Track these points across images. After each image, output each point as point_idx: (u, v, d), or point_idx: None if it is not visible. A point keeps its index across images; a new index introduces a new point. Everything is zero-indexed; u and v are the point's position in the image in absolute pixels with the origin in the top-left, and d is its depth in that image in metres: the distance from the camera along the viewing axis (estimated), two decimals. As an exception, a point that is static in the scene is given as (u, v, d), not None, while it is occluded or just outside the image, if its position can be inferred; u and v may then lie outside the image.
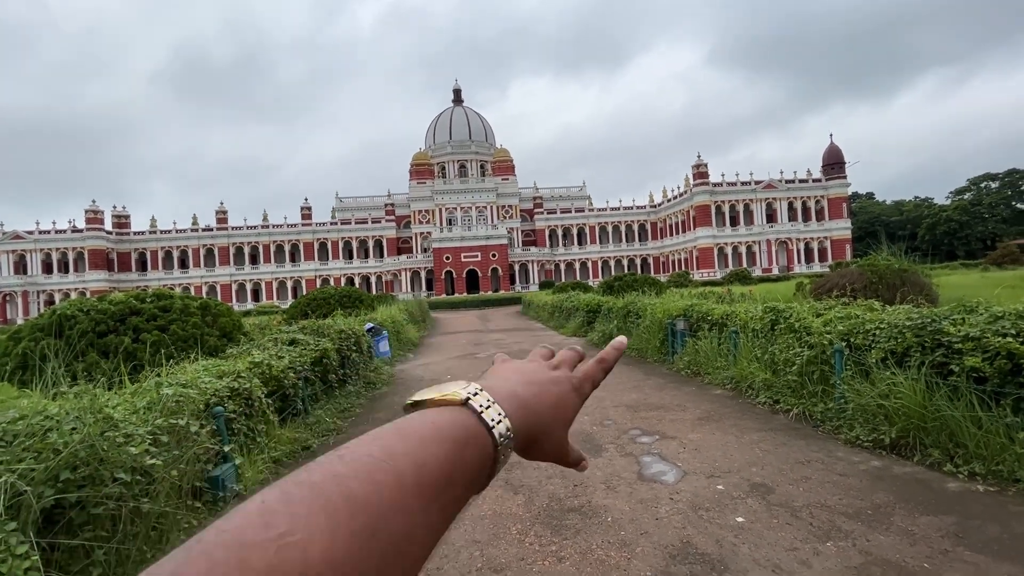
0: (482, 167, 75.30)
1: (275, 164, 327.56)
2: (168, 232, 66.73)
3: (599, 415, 6.21)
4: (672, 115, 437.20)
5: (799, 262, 62.98)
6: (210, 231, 67.04)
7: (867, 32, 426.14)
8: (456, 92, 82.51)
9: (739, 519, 3.44)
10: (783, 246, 64.45)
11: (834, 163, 65.37)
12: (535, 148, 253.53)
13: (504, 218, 71.83)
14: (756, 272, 55.64)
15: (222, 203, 68.34)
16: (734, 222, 65.15)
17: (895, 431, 4.43)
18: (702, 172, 64.21)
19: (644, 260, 72.43)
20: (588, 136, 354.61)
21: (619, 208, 74.21)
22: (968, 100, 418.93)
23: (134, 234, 66.57)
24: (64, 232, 61.33)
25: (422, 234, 69.67)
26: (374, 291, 54.05)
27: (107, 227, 63.90)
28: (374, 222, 70.54)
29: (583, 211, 74.18)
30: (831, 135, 68.74)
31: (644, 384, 7.94)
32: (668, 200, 70.82)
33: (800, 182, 65.26)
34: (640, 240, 73.99)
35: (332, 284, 53.73)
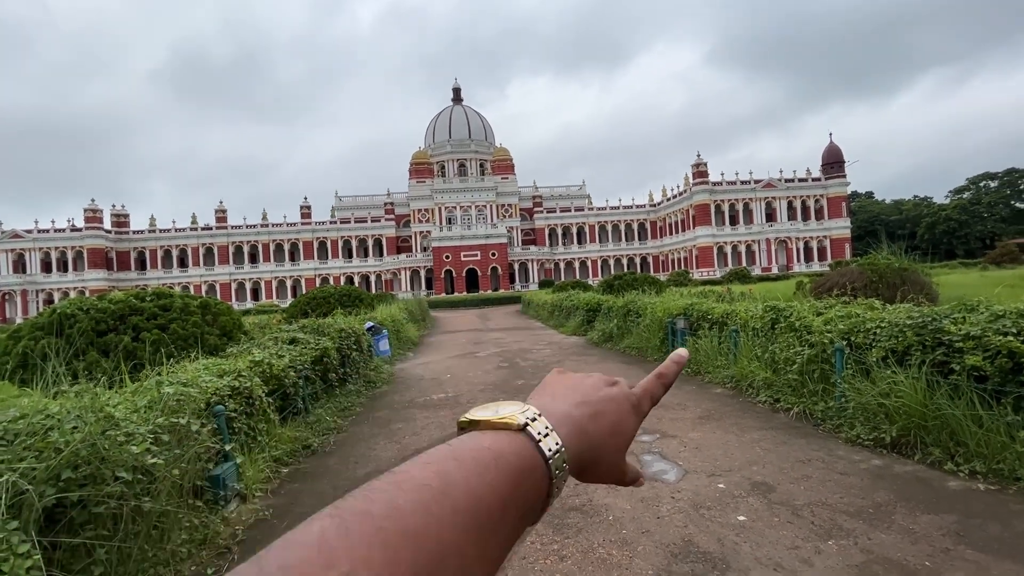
0: (482, 166, 75.27)
1: (274, 163, 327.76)
2: (167, 231, 66.70)
3: (599, 414, 6.19)
4: (672, 114, 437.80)
5: (798, 261, 63.02)
6: (209, 230, 67.01)
7: (866, 32, 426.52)
8: (456, 91, 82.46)
9: (740, 518, 3.44)
10: (782, 245, 64.50)
11: (833, 162, 65.39)
12: (535, 148, 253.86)
13: (504, 217, 71.81)
14: (755, 271, 55.66)
15: (221, 202, 68.33)
16: (733, 221, 65.17)
17: (896, 430, 4.43)
18: (702, 171, 64.23)
19: (643, 259, 72.46)
20: (588, 136, 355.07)
21: (619, 207, 74.22)
22: (967, 100, 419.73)
23: (133, 233, 66.54)
24: (63, 231, 61.28)
25: (422, 233, 69.66)
26: (374, 290, 54.05)
27: (106, 226, 63.86)
28: (374, 221, 70.51)
29: (583, 210, 74.20)
30: (830, 134, 68.73)
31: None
32: (668, 199, 70.84)
33: (799, 181, 65.29)
34: (640, 239, 74.03)
35: (332, 283, 53.81)
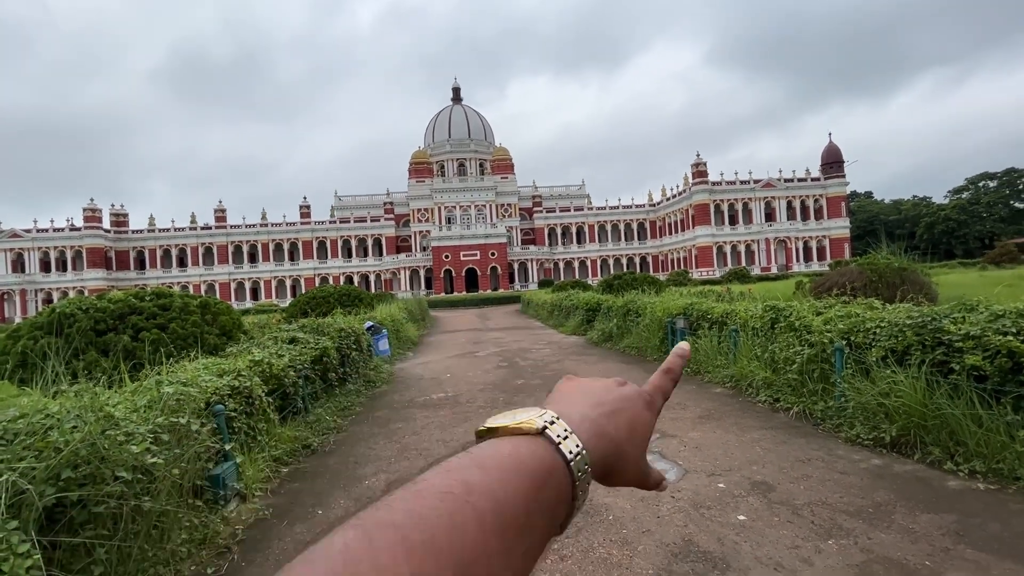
0: (481, 166, 75.26)
1: (274, 163, 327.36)
2: (167, 231, 66.64)
3: (599, 413, 6.19)
4: (671, 114, 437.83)
5: (798, 261, 63.06)
6: (209, 230, 66.96)
7: (866, 32, 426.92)
8: (455, 91, 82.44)
9: (740, 517, 3.44)
10: (782, 245, 64.53)
11: (833, 162, 65.44)
12: (535, 148, 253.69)
13: (503, 217, 71.80)
14: (755, 271, 55.71)
15: (220, 202, 68.32)
16: (733, 221, 65.20)
17: (895, 429, 4.43)
18: (701, 171, 64.25)
19: (643, 259, 72.49)
20: (588, 136, 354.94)
21: (618, 207, 74.25)
22: (966, 100, 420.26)
23: (132, 233, 66.48)
24: (62, 231, 61.21)
25: (421, 233, 69.64)
26: (373, 290, 54.02)
27: (105, 226, 63.82)
28: (373, 221, 70.48)
29: (582, 210, 74.21)
30: (830, 134, 68.91)
31: (644, 383, 7.93)
32: (667, 199, 70.87)
33: (799, 181, 65.33)
34: (639, 239, 74.07)
35: (331, 283, 53.76)
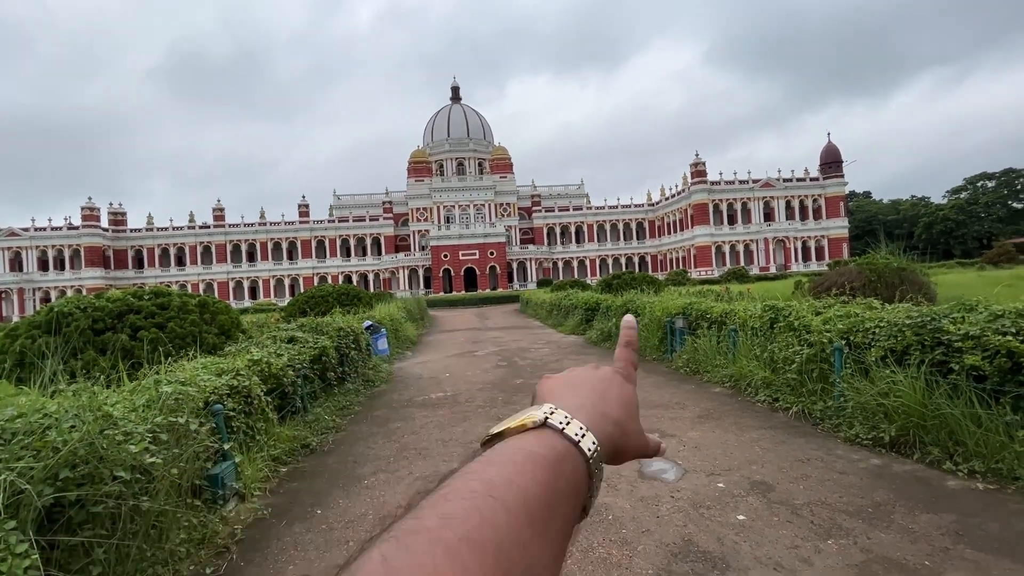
0: (480, 165, 75.20)
1: (273, 162, 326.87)
2: (165, 229, 66.50)
3: (599, 413, 6.19)
4: (670, 114, 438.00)
5: (796, 261, 63.12)
6: (207, 228, 66.81)
7: (865, 32, 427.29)
8: (454, 90, 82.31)
9: (740, 517, 3.44)
10: (780, 245, 64.58)
11: (831, 162, 65.48)
12: (534, 147, 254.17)
13: (502, 216, 71.76)
14: (753, 270, 55.77)
15: (219, 201, 68.19)
16: (732, 220, 65.23)
17: (895, 429, 4.44)
18: (700, 171, 64.27)
19: (642, 258, 72.51)
20: (587, 135, 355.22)
21: (617, 207, 74.24)
22: (965, 100, 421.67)
23: (131, 231, 66.33)
24: (60, 229, 61.03)
25: (420, 232, 69.59)
26: (372, 289, 53.94)
27: (103, 225, 63.65)
28: (372, 220, 70.39)
29: (581, 209, 74.18)
30: (828, 134, 68.73)
31: (643, 382, 7.94)
32: (666, 199, 70.88)
33: (798, 181, 65.36)
34: (638, 238, 74.08)
35: (330, 282, 53.71)
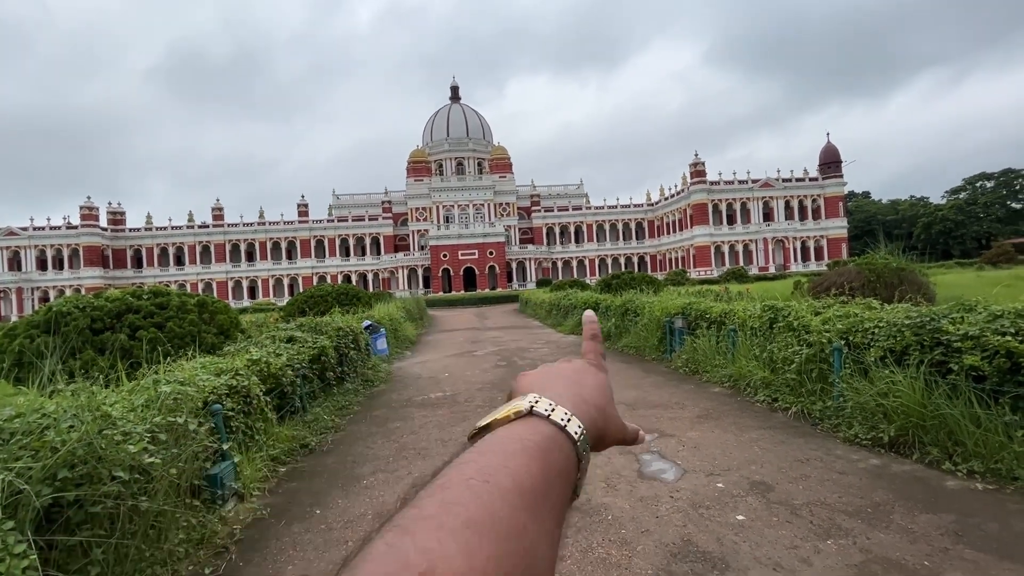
0: (479, 165, 75.17)
1: (273, 162, 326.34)
2: (164, 229, 66.40)
3: (598, 413, 6.19)
4: (670, 114, 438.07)
5: (795, 261, 63.15)
6: (206, 228, 66.72)
7: (864, 33, 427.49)
8: (454, 89, 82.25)
9: (739, 517, 3.44)
10: (779, 245, 64.62)
11: (831, 162, 65.50)
12: (533, 147, 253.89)
13: (501, 216, 71.74)
14: (753, 271, 55.80)
15: (218, 200, 68.08)
16: (731, 220, 65.25)
17: (894, 429, 4.44)
18: (699, 171, 64.27)
19: (641, 258, 72.53)
20: (586, 135, 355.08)
21: (616, 206, 74.25)
22: (963, 101, 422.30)
23: (130, 231, 66.22)
24: (59, 229, 60.91)
25: (419, 231, 69.55)
26: (371, 288, 53.97)
27: (102, 224, 63.54)
28: (371, 219, 70.32)
29: (580, 209, 74.17)
30: (828, 134, 68.61)
31: (643, 382, 7.95)
32: (665, 199, 70.88)
33: (797, 181, 65.39)
34: (637, 238, 74.09)
35: (329, 281, 53.66)
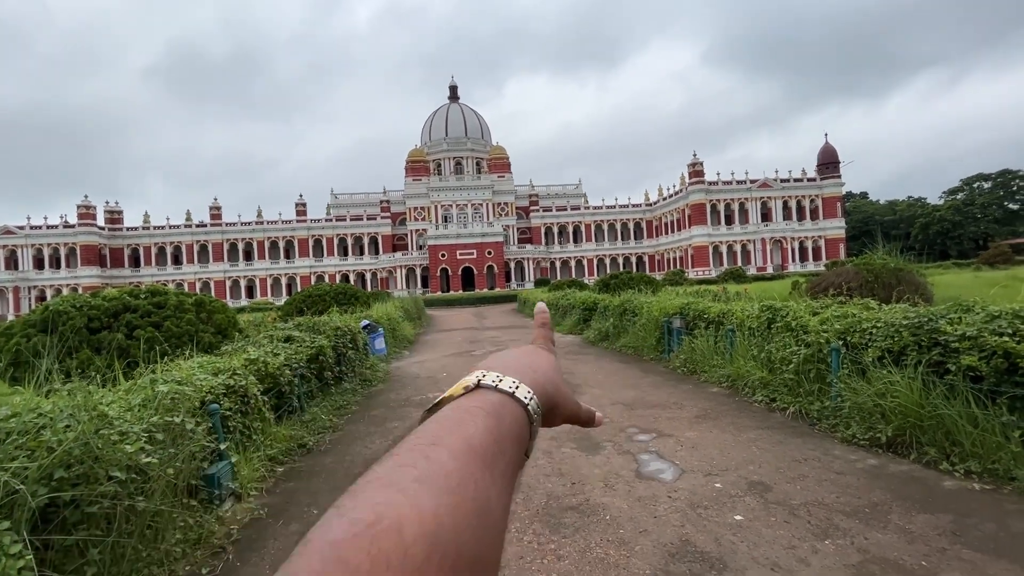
0: (478, 164, 75.14)
1: (272, 161, 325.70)
2: (162, 228, 66.22)
3: (596, 413, 6.19)
4: (669, 114, 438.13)
5: (793, 261, 63.24)
6: (204, 227, 66.55)
7: (864, 33, 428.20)
8: (452, 89, 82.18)
9: (737, 517, 3.44)
10: (778, 245, 64.71)
11: (829, 163, 65.61)
12: (532, 147, 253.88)
13: (500, 216, 71.72)
14: (751, 271, 55.83)
15: (216, 199, 67.96)
16: (729, 221, 65.32)
17: (891, 429, 4.45)
18: (698, 171, 64.33)
19: (639, 258, 72.57)
20: (585, 135, 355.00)
21: (615, 206, 74.29)
22: (960, 101, 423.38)
23: (127, 230, 66.02)
24: (56, 228, 60.70)
25: (418, 231, 69.49)
26: (369, 288, 53.94)
27: (100, 223, 63.35)
28: (369, 219, 70.23)
29: (579, 209, 74.18)
30: (826, 135, 68.66)
31: (641, 382, 7.95)
32: (664, 199, 70.92)
33: (795, 181, 65.47)
34: (635, 238, 74.14)
35: (327, 281, 53.52)
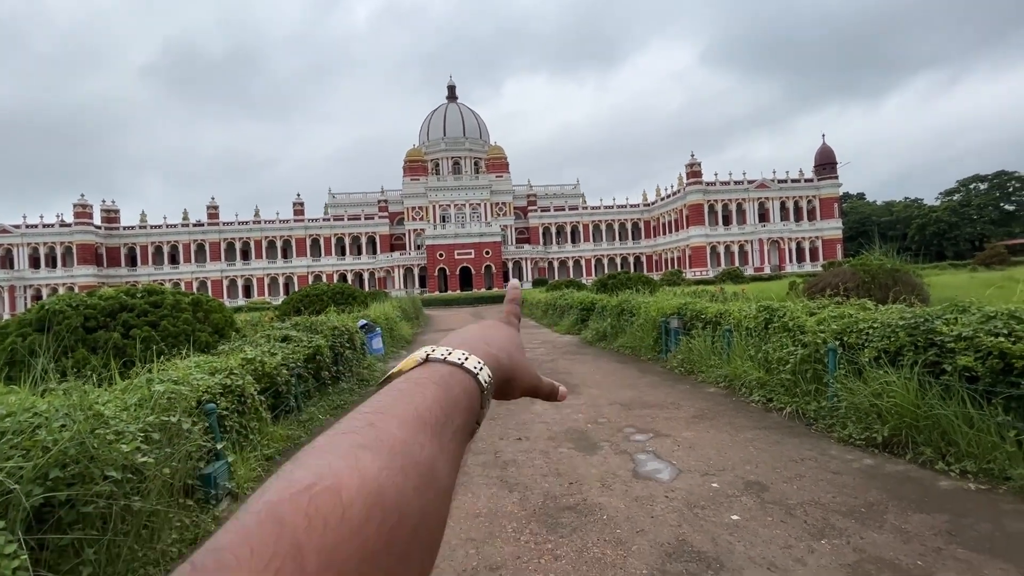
0: (476, 164, 75.12)
1: (270, 161, 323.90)
2: (158, 227, 66.00)
3: (593, 413, 6.20)
4: (668, 114, 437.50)
5: (791, 261, 63.39)
6: (201, 226, 66.35)
7: (863, 34, 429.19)
8: (450, 89, 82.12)
9: (734, 517, 3.45)
10: (775, 245, 64.85)
11: (826, 163, 65.81)
12: (531, 147, 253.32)
13: (498, 215, 71.72)
14: (748, 271, 55.91)
15: (213, 198, 67.68)
16: (727, 221, 65.45)
17: (887, 429, 4.46)
18: (695, 171, 64.43)
19: (637, 258, 72.64)
20: (585, 135, 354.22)
21: (612, 207, 74.34)
22: (958, 103, 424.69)
23: (124, 229, 65.79)
24: (52, 227, 60.44)
25: (415, 231, 69.41)
26: (367, 288, 53.83)
27: (96, 222, 63.11)
28: (367, 218, 70.13)
29: (577, 209, 74.22)
30: (823, 135, 69.05)
31: (638, 382, 7.96)
32: (661, 199, 71.00)
33: (792, 182, 65.64)
34: (633, 238, 74.21)
35: (324, 280, 53.51)
